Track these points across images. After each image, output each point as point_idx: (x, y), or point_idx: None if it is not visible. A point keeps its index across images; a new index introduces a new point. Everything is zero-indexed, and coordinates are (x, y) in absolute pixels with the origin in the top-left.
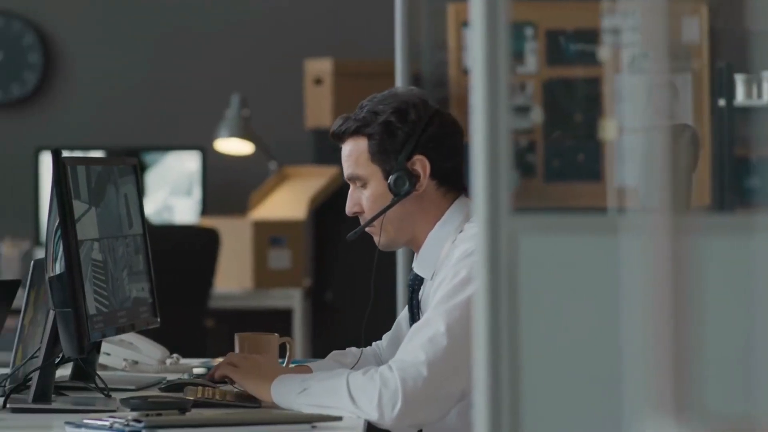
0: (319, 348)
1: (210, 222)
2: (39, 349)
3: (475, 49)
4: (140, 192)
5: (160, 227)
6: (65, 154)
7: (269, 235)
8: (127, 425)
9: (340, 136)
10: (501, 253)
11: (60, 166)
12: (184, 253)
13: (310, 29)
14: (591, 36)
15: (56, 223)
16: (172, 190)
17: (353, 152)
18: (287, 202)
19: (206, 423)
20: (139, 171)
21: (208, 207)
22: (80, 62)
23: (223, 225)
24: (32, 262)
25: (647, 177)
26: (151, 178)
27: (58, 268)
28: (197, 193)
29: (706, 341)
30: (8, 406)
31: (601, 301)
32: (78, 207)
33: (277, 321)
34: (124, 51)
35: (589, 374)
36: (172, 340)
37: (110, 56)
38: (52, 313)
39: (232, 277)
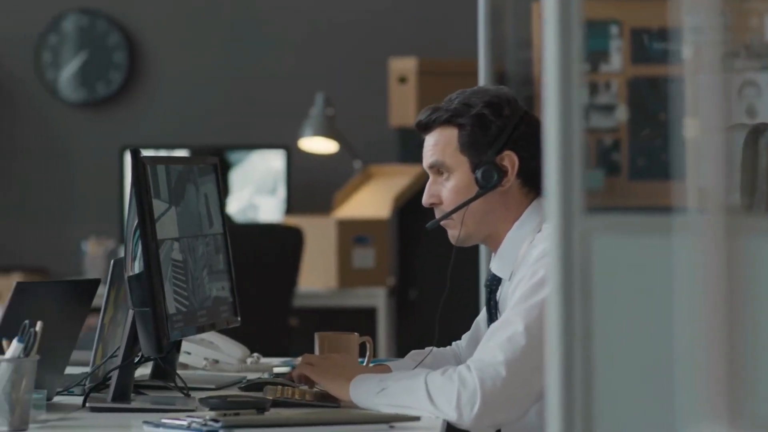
0: (403, 346)
1: (294, 221)
2: (119, 348)
3: (548, 48)
4: (220, 191)
5: (245, 226)
6: (147, 153)
7: (353, 234)
8: (205, 425)
9: (429, 126)
10: (574, 254)
11: (139, 165)
12: (269, 252)
13: (394, 28)
14: (675, 34)
15: (135, 223)
16: (256, 188)
17: (440, 141)
18: (371, 201)
19: (284, 422)
20: (219, 170)
21: (292, 206)
22: (165, 61)
23: (307, 224)
24: (112, 261)
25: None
26: (236, 176)
27: (137, 267)
28: (282, 191)
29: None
30: (88, 405)
31: (674, 301)
32: (158, 206)
33: (361, 320)
34: (208, 50)
35: (662, 375)
36: (256, 339)
37: (195, 55)
38: (131, 312)
39: (317, 276)
